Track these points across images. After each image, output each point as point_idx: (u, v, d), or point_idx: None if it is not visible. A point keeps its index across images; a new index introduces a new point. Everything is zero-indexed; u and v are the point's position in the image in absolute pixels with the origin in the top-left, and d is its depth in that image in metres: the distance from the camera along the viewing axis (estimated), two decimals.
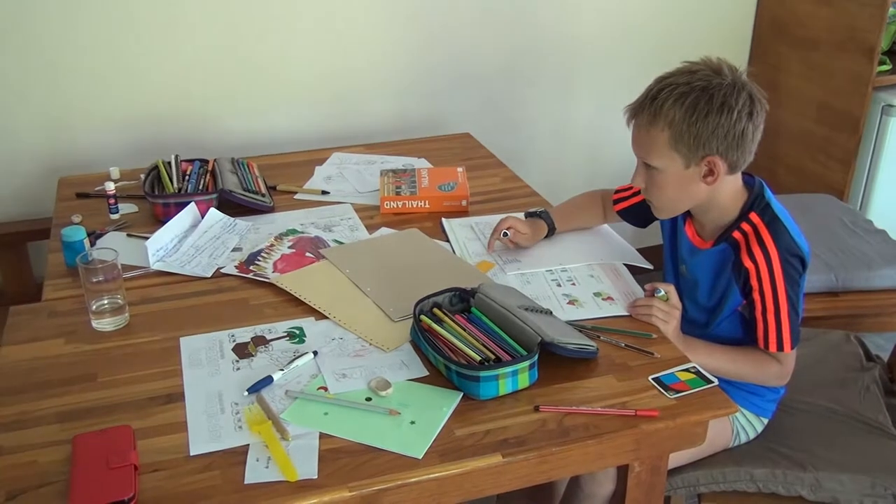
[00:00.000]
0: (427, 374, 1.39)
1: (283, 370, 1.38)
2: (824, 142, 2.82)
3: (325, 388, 1.35)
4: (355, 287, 1.64)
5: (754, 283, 1.50)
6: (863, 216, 2.51)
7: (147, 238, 1.74)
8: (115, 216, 1.94)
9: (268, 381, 1.36)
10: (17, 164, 2.33)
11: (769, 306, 1.50)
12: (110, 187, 1.94)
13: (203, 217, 1.87)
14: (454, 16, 2.61)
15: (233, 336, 1.49)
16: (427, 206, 1.98)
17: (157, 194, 1.92)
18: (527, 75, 2.79)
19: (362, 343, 1.47)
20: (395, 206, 1.97)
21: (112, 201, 1.94)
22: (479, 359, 1.34)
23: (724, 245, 1.54)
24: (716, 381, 1.37)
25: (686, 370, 1.40)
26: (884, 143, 2.75)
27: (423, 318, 1.45)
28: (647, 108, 1.47)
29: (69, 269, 1.70)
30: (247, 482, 1.16)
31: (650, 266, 1.77)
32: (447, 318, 1.46)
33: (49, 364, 1.41)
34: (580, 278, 1.69)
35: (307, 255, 1.76)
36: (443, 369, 1.37)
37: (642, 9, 2.84)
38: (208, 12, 2.35)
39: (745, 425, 1.66)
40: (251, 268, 1.71)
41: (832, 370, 1.87)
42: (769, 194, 1.55)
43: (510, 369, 1.31)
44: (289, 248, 1.79)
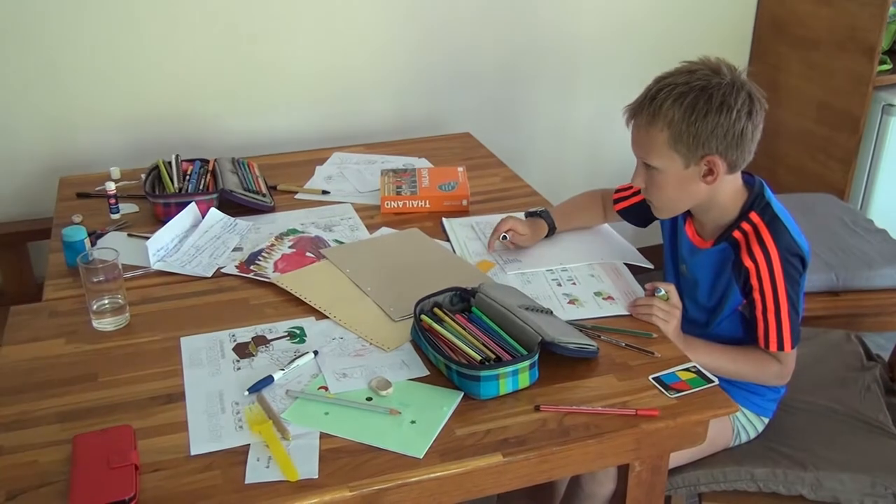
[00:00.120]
0: (427, 373, 1.38)
1: (283, 370, 1.38)
2: (824, 141, 2.82)
3: (325, 388, 1.35)
4: (356, 287, 1.64)
5: (754, 282, 1.50)
6: (863, 216, 2.51)
7: (147, 238, 1.74)
8: (115, 216, 1.94)
9: (268, 380, 1.36)
10: (18, 164, 2.33)
11: (769, 306, 1.50)
12: (111, 187, 1.94)
13: (203, 217, 1.87)
14: (454, 15, 2.61)
15: (233, 336, 1.49)
16: (427, 205, 1.98)
17: (158, 194, 1.92)
18: (527, 75, 2.79)
19: (363, 343, 1.47)
20: (396, 205, 1.97)
21: (113, 201, 1.94)
22: (479, 358, 1.34)
23: (725, 244, 1.54)
24: (716, 381, 1.37)
25: (686, 370, 1.39)
26: (884, 143, 2.74)
27: (423, 317, 1.45)
28: (646, 108, 1.47)
29: (70, 268, 1.70)
30: (247, 482, 1.16)
31: (650, 265, 1.77)
32: (448, 318, 1.46)
33: (49, 364, 1.41)
34: (581, 278, 1.69)
35: (308, 254, 1.76)
36: (443, 369, 1.37)
37: (642, 8, 2.84)
38: (208, 12, 2.35)
39: (746, 425, 1.66)
40: (252, 268, 1.71)
41: (832, 370, 1.87)
42: (769, 194, 1.55)
43: (510, 369, 1.31)
44: (289, 247, 1.79)
